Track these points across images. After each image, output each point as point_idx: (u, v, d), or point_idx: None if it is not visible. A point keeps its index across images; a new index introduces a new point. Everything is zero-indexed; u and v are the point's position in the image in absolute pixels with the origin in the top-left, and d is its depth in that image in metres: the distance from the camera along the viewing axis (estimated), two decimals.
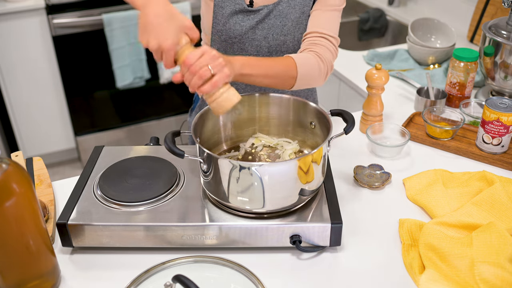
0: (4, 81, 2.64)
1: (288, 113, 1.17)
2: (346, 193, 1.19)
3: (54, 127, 2.89)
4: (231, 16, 1.26)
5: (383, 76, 1.33)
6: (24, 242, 0.86)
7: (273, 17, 1.27)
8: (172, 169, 1.11)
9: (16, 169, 0.82)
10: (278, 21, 1.27)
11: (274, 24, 1.27)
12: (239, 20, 1.26)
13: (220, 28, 1.28)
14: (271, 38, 1.28)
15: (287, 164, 0.95)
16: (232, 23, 1.26)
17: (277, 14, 1.27)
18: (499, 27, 1.49)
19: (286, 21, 1.28)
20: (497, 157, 1.30)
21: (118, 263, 1.00)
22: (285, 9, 1.27)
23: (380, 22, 2.48)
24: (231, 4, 1.25)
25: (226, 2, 1.26)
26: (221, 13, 1.26)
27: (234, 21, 1.26)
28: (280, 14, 1.27)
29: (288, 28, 1.28)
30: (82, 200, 1.04)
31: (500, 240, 0.93)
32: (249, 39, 1.28)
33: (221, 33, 1.28)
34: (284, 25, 1.28)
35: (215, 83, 0.96)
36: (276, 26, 1.28)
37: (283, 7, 1.27)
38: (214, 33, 1.30)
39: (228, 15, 1.26)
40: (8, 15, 2.50)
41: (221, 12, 1.26)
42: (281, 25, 1.28)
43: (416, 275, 0.95)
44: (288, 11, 1.27)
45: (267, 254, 1.02)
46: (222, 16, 1.27)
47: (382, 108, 1.39)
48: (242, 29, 1.27)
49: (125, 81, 2.78)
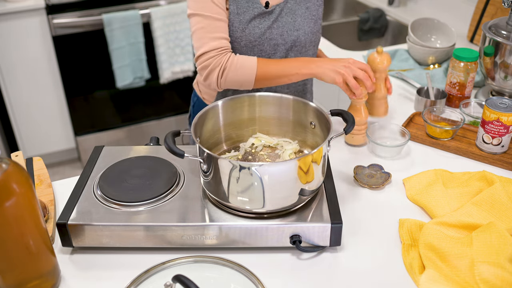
0: (4, 81, 2.64)
1: (288, 113, 1.17)
2: (346, 193, 1.19)
3: (54, 127, 2.89)
4: (249, 22, 1.29)
5: (385, 60, 1.33)
6: (24, 242, 0.86)
7: (284, 15, 1.33)
8: (172, 169, 1.11)
9: (16, 169, 0.82)
10: (289, 17, 1.34)
11: (287, 21, 1.34)
12: (257, 24, 1.30)
13: (239, 35, 1.30)
14: (286, 35, 1.34)
15: (287, 164, 0.95)
16: (251, 27, 1.30)
17: (287, 12, 1.33)
18: (499, 27, 1.49)
19: (296, 16, 1.35)
20: (497, 157, 1.30)
21: (118, 263, 1.00)
22: (293, 6, 1.34)
23: (380, 22, 2.48)
24: (249, 10, 1.28)
25: (243, 9, 1.28)
26: (239, 19, 1.28)
27: (253, 25, 1.30)
28: (290, 11, 1.34)
29: (299, 23, 1.35)
30: (82, 200, 1.04)
31: (500, 240, 0.93)
32: (267, 39, 1.33)
33: (241, 39, 1.31)
34: (295, 21, 1.35)
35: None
36: (289, 23, 1.34)
37: (291, 4, 1.34)
38: (232, 40, 1.31)
39: (246, 21, 1.29)
40: (8, 15, 2.50)
41: (238, 19, 1.28)
42: (292, 21, 1.34)
43: (416, 275, 0.95)
44: (295, 7, 1.35)
45: (267, 254, 1.02)
46: (240, 23, 1.29)
47: (386, 91, 1.38)
48: (260, 31, 1.31)
49: (125, 81, 2.78)
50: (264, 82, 1.29)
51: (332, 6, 2.85)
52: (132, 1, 2.68)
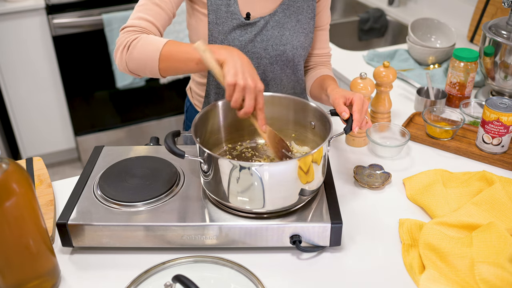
0: (4, 81, 2.64)
1: (288, 113, 1.17)
2: (346, 193, 1.19)
3: (54, 127, 2.89)
4: (229, 33, 1.24)
5: (390, 74, 1.33)
6: (24, 242, 0.86)
7: (270, 28, 1.27)
8: (172, 169, 1.11)
9: (16, 169, 0.82)
10: (276, 31, 1.28)
11: (273, 35, 1.28)
12: (237, 36, 1.25)
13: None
14: (271, 49, 1.29)
15: (287, 164, 0.95)
16: (231, 39, 1.25)
17: (274, 25, 1.27)
18: (499, 27, 1.49)
19: (284, 30, 1.28)
20: (497, 157, 1.30)
21: (118, 263, 1.00)
22: (281, 19, 1.28)
23: (380, 22, 2.48)
24: (228, 20, 1.23)
25: (222, 19, 1.23)
26: (217, 30, 1.24)
27: (233, 37, 1.25)
28: (277, 24, 1.28)
29: (287, 38, 1.29)
30: (82, 200, 1.04)
31: (500, 240, 0.93)
32: (250, 53, 1.28)
33: None
34: (283, 35, 1.29)
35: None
36: (275, 37, 1.28)
37: (279, 17, 1.27)
38: None
39: (226, 32, 1.24)
40: (8, 15, 2.50)
41: (217, 29, 1.24)
42: (280, 35, 1.28)
43: (416, 275, 0.95)
44: (284, 21, 1.28)
45: (267, 254, 1.02)
46: (219, 33, 1.24)
47: (390, 105, 1.39)
48: (241, 44, 1.26)
49: (125, 81, 2.78)
50: (169, 64, 1.11)
51: (332, 6, 2.85)
52: (132, 1, 2.68)
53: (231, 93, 0.99)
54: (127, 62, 1.14)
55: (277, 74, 1.34)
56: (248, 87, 0.98)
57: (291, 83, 1.38)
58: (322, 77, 1.32)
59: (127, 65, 1.14)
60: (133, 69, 1.15)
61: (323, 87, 1.25)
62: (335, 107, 1.09)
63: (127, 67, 1.15)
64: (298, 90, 1.43)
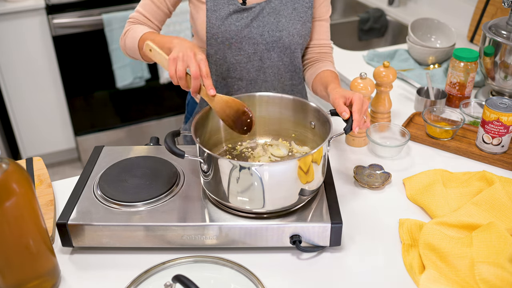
0: (4, 81, 2.64)
1: (288, 113, 1.17)
2: (346, 193, 1.19)
3: (54, 127, 2.89)
4: (226, 18, 1.28)
5: (390, 74, 1.33)
6: (24, 242, 0.86)
7: (266, 14, 1.30)
8: (172, 169, 1.11)
9: (16, 169, 0.82)
10: (272, 17, 1.31)
11: (269, 21, 1.31)
12: (234, 20, 1.28)
13: (216, 31, 1.29)
14: (267, 35, 1.31)
15: (287, 164, 0.95)
16: (228, 24, 1.28)
17: (270, 11, 1.30)
18: (499, 27, 1.49)
19: (280, 17, 1.31)
20: (497, 157, 1.30)
21: (118, 263, 1.00)
22: (277, 6, 1.31)
23: (380, 22, 2.48)
24: (225, 6, 1.27)
25: (219, 5, 1.27)
26: (215, 16, 1.28)
27: (229, 22, 1.28)
28: (273, 11, 1.31)
29: (283, 24, 1.32)
30: (82, 200, 1.04)
31: (500, 240, 0.93)
32: (246, 38, 1.30)
33: (217, 36, 1.30)
34: (279, 22, 1.31)
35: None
36: (271, 23, 1.31)
37: (275, 4, 1.31)
38: (209, 37, 1.30)
39: (223, 18, 1.28)
40: (8, 15, 2.50)
41: (214, 15, 1.28)
42: (276, 22, 1.31)
43: (416, 275, 0.95)
44: (280, 8, 1.31)
45: (267, 254, 1.02)
46: (216, 19, 1.28)
47: (390, 105, 1.39)
48: (237, 29, 1.29)
49: (125, 81, 2.78)
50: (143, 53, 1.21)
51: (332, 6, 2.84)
52: (132, 1, 2.68)
53: (173, 67, 1.05)
54: (125, 49, 1.29)
55: (274, 62, 1.36)
56: (187, 56, 1.04)
57: (288, 72, 1.39)
58: (323, 73, 1.33)
59: (125, 51, 1.29)
60: (129, 54, 1.29)
61: (324, 85, 1.26)
62: (335, 107, 1.10)
63: (127, 53, 1.30)
64: (296, 81, 1.43)
